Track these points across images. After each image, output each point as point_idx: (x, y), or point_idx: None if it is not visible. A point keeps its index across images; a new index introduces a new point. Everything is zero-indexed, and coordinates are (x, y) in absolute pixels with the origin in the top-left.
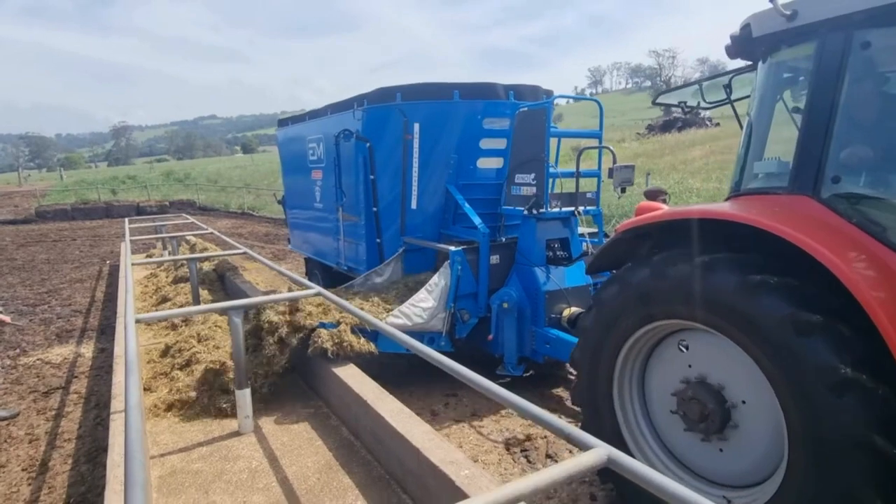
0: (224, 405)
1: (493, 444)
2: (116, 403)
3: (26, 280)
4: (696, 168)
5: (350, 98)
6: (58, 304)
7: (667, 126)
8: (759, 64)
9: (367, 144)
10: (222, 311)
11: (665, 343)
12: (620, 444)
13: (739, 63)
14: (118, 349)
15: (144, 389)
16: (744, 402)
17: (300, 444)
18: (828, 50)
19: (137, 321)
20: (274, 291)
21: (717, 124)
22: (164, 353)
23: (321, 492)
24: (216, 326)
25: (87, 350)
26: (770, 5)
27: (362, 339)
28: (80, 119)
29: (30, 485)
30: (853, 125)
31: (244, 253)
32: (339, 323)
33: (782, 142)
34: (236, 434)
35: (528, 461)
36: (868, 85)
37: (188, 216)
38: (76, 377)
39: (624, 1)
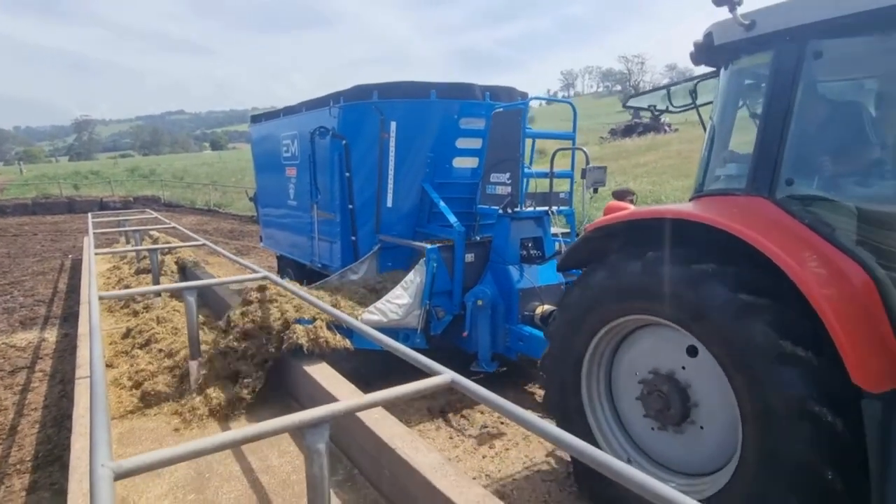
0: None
1: (417, 409)
2: (81, 371)
3: None
4: (643, 172)
5: (326, 95)
6: (20, 295)
7: (628, 131)
8: (722, 70)
9: (343, 142)
10: (178, 292)
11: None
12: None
13: (706, 69)
14: (82, 329)
15: (107, 366)
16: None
17: (250, 403)
18: (783, 59)
19: (100, 298)
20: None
21: (676, 130)
22: (126, 335)
23: (263, 442)
24: (174, 311)
25: (51, 335)
26: (730, 15)
27: (338, 336)
28: (40, 112)
29: (0, 445)
30: (806, 131)
31: (203, 245)
32: (314, 319)
33: (743, 145)
34: (191, 398)
35: (444, 420)
36: (820, 92)
37: (152, 211)
38: (41, 358)
39: (596, 6)
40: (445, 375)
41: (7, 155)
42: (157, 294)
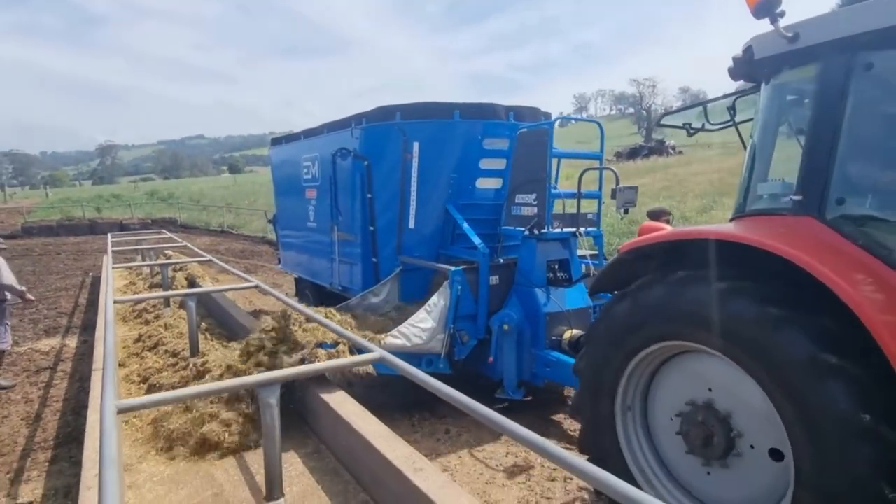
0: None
1: (386, 405)
2: (97, 365)
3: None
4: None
5: (348, 116)
6: (45, 308)
7: (633, 153)
8: (762, 85)
9: (366, 163)
10: (182, 298)
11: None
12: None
13: (718, 90)
14: (99, 333)
15: (120, 365)
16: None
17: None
18: (830, 72)
19: (115, 302)
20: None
21: (680, 152)
22: (137, 340)
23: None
24: (180, 318)
25: (72, 342)
26: (772, 27)
27: None
28: (65, 137)
29: (27, 428)
30: (857, 147)
31: (209, 260)
32: (337, 343)
33: (787, 163)
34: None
35: (409, 414)
36: (872, 106)
37: (167, 232)
38: (62, 361)
39: (608, 31)
40: (375, 353)
41: (34, 179)
42: (167, 305)
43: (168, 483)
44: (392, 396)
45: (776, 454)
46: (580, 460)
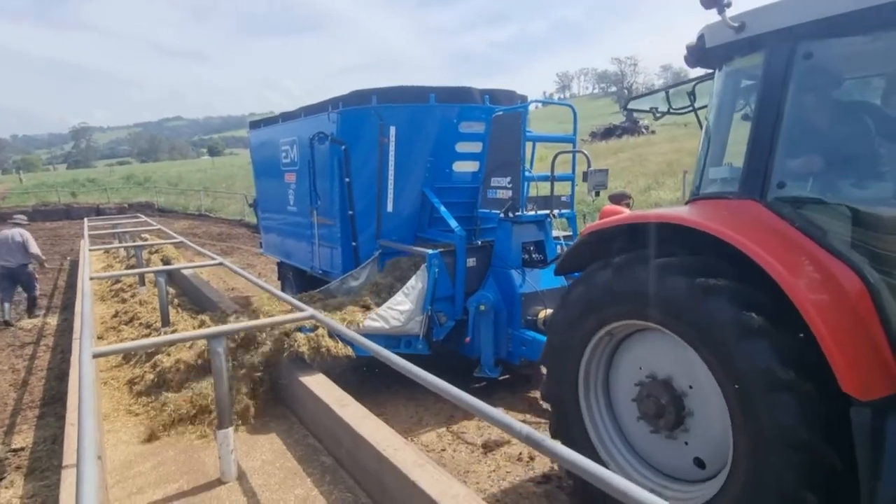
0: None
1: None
2: (77, 334)
3: None
4: None
5: (325, 101)
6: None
7: (607, 133)
8: (716, 72)
9: (343, 147)
10: (155, 275)
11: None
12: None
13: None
14: (78, 307)
15: (98, 338)
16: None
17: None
18: (773, 60)
19: (91, 278)
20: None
21: (653, 132)
22: (114, 316)
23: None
24: (155, 296)
25: (52, 320)
26: (720, 17)
27: (340, 344)
28: (36, 120)
29: (16, 392)
30: (798, 133)
31: (181, 242)
32: (316, 327)
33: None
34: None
35: (359, 378)
36: (811, 93)
37: (143, 216)
38: (45, 336)
39: (592, 8)
40: (307, 312)
41: (6, 163)
42: (142, 284)
43: (141, 426)
44: (345, 363)
45: (700, 463)
46: (535, 431)
